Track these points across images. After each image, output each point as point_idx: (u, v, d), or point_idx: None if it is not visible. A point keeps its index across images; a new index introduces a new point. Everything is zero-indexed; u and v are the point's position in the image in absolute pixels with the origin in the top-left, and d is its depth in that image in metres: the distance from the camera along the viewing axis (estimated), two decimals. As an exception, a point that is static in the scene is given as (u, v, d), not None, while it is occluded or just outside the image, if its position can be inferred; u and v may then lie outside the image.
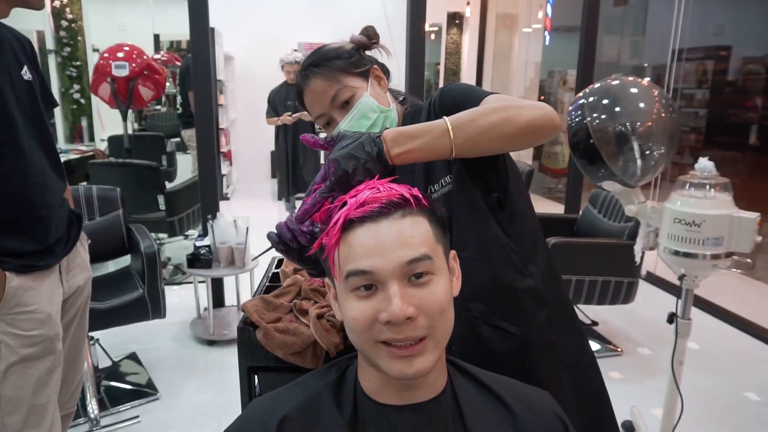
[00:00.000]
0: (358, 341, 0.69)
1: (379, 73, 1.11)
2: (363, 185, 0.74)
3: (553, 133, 0.92)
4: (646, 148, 1.62)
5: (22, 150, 1.24)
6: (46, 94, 1.43)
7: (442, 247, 0.72)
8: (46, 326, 1.28)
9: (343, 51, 1.08)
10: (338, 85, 1.05)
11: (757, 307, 3.52)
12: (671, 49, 4.25)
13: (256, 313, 1.35)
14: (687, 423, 1.84)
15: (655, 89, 1.69)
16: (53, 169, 1.35)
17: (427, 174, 1.07)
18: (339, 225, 0.68)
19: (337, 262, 0.69)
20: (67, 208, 1.41)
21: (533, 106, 0.89)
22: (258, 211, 6.25)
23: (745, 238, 1.59)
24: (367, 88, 1.06)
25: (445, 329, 0.70)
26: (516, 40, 7.65)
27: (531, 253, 1.08)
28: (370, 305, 0.66)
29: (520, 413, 0.74)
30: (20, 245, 1.24)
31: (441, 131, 0.86)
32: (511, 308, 1.05)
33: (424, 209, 0.71)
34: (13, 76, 1.24)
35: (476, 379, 0.79)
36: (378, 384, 0.73)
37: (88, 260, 1.54)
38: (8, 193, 1.22)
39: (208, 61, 3.05)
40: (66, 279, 1.41)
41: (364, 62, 1.09)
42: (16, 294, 1.23)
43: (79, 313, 1.50)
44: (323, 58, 1.07)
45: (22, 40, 1.36)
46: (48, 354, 1.28)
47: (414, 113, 1.11)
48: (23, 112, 1.26)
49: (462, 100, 0.98)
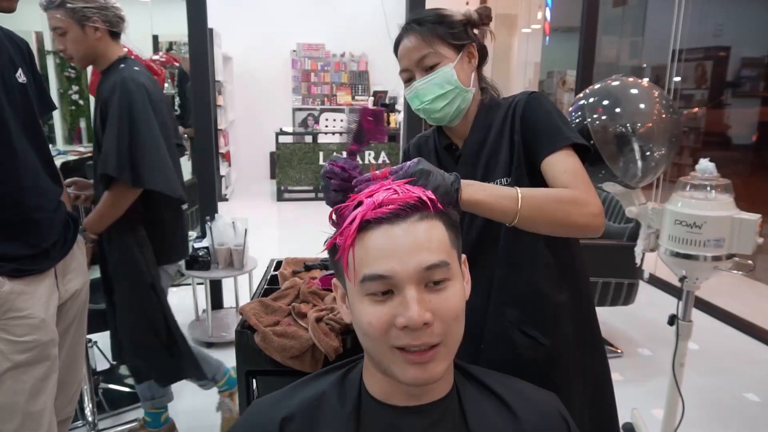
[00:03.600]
0: (372, 347, 0.68)
1: (474, 52, 1.11)
2: (378, 185, 0.72)
3: (593, 236, 0.99)
4: (647, 149, 1.61)
5: (15, 153, 1.23)
6: (43, 97, 1.42)
7: (456, 252, 0.71)
8: (40, 331, 1.26)
9: (448, 19, 1.09)
10: (429, 49, 1.06)
11: (758, 308, 3.51)
12: (671, 50, 4.25)
13: (254, 317, 1.34)
14: (687, 424, 1.83)
15: (655, 90, 1.68)
16: (48, 172, 1.34)
17: (486, 170, 1.09)
18: (355, 225, 0.66)
19: (352, 264, 0.67)
20: (63, 212, 1.39)
21: (591, 212, 0.96)
22: (256, 211, 6.25)
23: (747, 240, 1.58)
24: (454, 61, 1.07)
25: (457, 335, 0.69)
26: (515, 40, 7.65)
27: (570, 268, 1.13)
28: (386, 310, 0.65)
29: (523, 415, 0.74)
30: (13, 249, 1.23)
31: (511, 195, 0.91)
32: (544, 319, 1.09)
33: (440, 213, 0.70)
34: (6, 78, 1.23)
35: (480, 381, 0.78)
36: (384, 387, 0.72)
37: (86, 264, 1.53)
38: (0, 196, 1.21)
39: (206, 62, 3.04)
40: (62, 283, 1.39)
41: (463, 36, 1.09)
42: (8, 299, 1.21)
43: (76, 317, 1.48)
44: (428, 19, 1.08)
45: (19, 42, 1.34)
46: (43, 360, 1.27)
47: (490, 108, 1.13)
48: (16, 116, 1.24)
49: (540, 134, 1.04)
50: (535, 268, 1.09)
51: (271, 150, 7.44)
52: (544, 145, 1.03)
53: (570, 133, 1.03)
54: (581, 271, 1.17)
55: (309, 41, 8.15)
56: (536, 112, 1.06)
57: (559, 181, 0.99)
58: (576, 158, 1.02)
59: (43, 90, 1.43)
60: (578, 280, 1.15)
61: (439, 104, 1.08)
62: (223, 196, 6.60)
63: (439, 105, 1.08)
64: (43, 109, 1.44)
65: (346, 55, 8.31)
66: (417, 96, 1.09)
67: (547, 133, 1.03)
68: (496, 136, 1.10)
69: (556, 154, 1.01)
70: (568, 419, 0.78)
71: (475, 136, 1.13)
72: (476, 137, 1.12)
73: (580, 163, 1.03)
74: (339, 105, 8.26)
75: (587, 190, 0.98)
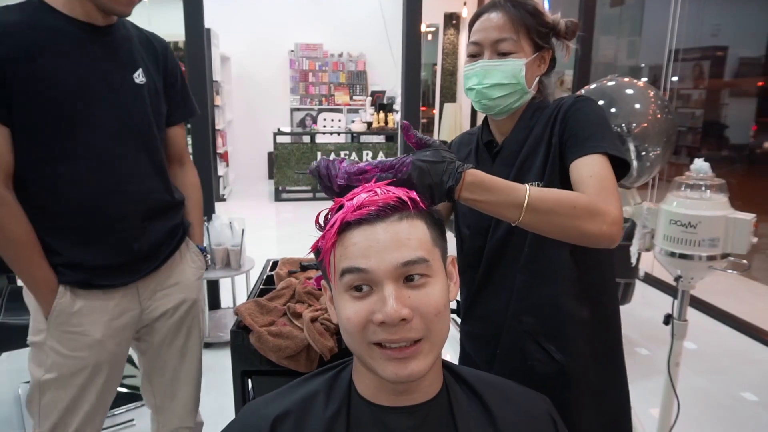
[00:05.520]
0: (352, 342, 0.69)
1: (547, 58, 1.08)
2: (360, 188, 0.73)
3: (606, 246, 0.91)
4: (642, 149, 1.62)
5: (100, 156, 1.15)
6: (173, 101, 1.35)
7: (439, 250, 0.72)
8: (92, 351, 1.19)
9: (542, 18, 1.05)
10: (512, 35, 1.01)
11: (754, 307, 3.52)
12: (667, 50, 4.25)
13: (249, 317, 1.34)
14: (684, 423, 1.84)
15: (650, 90, 1.68)
16: (152, 179, 1.25)
17: (520, 171, 1.05)
18: (336, 228, 0.67)
19: (333, 264, 0.68)
20: (168, 225, 1.30)
21: (605, 221, 0.87)
22: (254, 212, 6.24)
23: (741, 240, 1.58)
24: (529, 58, 1.04)
25: (441, 333, 0.69)
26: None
27: (596, 287, 1.07)
28: (365, 306, 0.66)
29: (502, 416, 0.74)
30: (89, 258, 1.16)
31: (516, 203, 0.83)
32: (561, 334, 1.04)
33: (421, 212, 0.71)
34: (117, 79, 1.17)
35: (468, 384, 0.78)
36: (372, 386, 0.72)
37: (195, 279, 1.41)
38: (80, 202, 1.15)
39: (203, 62, 3.04)
40: (151, 299, 1.30)
41: (546, 39, 1.06)
42: (64, 311, 1.16)
43: (168, 337, 1.37)
44: (524, 6, 1.04)
45: (154, 43, 1.30)
46: (89, 376, 1.21)
47: (537, 109, 1.08)
48: (119, 118, 1.17)
49: (576, 137, 0.97)
50: (558, 280, 1.03)
51: (269, 150, 7.44)
52: (577, 147, 0.96)
53: (608, 143, 0.95)
54: (610, 289, 1.10)
55: (307, 41, 8.15)
56: (577, 115, 1.00)
57: (581, 185, 0.92)
58: (607, 166, 0.94)
59: (183, 94, 1.38)
60: (604, 297, 1.08)
61: (497, 93, 1.04)
62: (220, 197, 6.60)
63: (496, 93, 1.04)
64: (182, 112, 1.39)
65: (344, 55, 8.31)
66: (477, 75, 1.04)
67: (583, 136, 0.97)
68: (537, 138, 1.05)
69: (586, 158, 0.94)
70: (557, 422, 0.78)
71: (516, 136, 1.08)
72: (517, 137, 1.07)
73: (610, 171, 0.94)
74: (337, 105, 8.26)
75: (608, 198, 0.89)
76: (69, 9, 1.12)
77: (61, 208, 1.14)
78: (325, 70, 8.27)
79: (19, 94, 1.06)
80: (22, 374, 2.53)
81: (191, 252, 1.43)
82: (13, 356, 2.69)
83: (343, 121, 7.22)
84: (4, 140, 1.08)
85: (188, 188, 1.43)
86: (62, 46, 1.10)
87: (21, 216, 1.10)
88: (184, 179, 1.44)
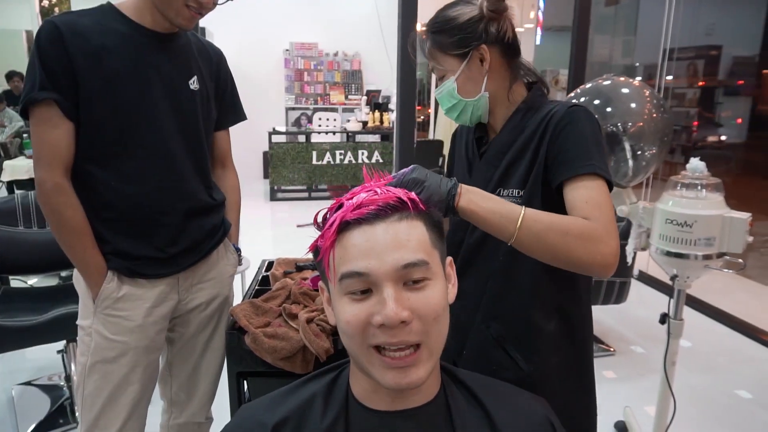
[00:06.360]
0: (351, 345, 0.68)
1: (485, 53, 1.01)
2: (360, 188, 0.72)
3: (600, 277, 0.91)
4: (638, 148, 1.62)
5: (157, 156, 1.23)
6: (224, 107, 1.46)
7: (438, 252, 0.71)
8: (134, 335, 1.25)
9: (450, 25, 1.02)
10: (433, 62, 1.07)
11: (750, 306, 3.54)
12: (662, 49, 4.26)
13: (244, 318, 1.33)
14: (680, 421, 1.84)
15: (646, 89, 1.68)
16: (197, 179, 1.32)
17: (504, 175, 1.04)
18: (335, 227, 0.66)
19: (332, 264, 0.68)
20: (212, 222, 1.37)
21: (600, 251, 0.85)
22: (249, 211, 6.21)
23: (737, 239, 1.58)
24: (458, 72, 1.03)
25: (439, 337, 0.68)
26: (508, 39, 7.65)
27: (567, 299, 1.06)
28: (364, 308, 0.65)
29: (501, 418, 0.73)
30: (135, 248, 1.23)
31: (512, 217, 0.85)
32: (528, 343, 1.04)
33: (421, 213, 0.70)
34: (175, 83, 1.25)
35: (467, 386, 0.78)
36: (369, 390, 0.72)
37: (228, 276, 1.46)
38: (131, 196, 1.21)
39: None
40: (189, 292, 1.35)
41: (469, 41, 1.01)
42: (110, 296, 1.22)
43: (198, 329, 1.40)
44: (432, 28, 1.05)
45: (211, 52, 1.39)
46: (131, 362, 1.25)
47: (528, 110, 1.04)
48: (175, 120, 1.25)
49: (565, 153, 0.95)
50: (529, 291, 1.02)
51: (264, 149, 7.41)
52: (566, 167, 0.93)
53: (598, 161, 0.92)
54: (583, 302, 1.09)
55: (302, 40, 8.13)
56: (567, 129, 0.96)
57: (577, 211, 0.90)
58: (603, 188, 0.92)
59: (233, 100, 1.50)
60: (575, 310, 1.07)
61: (453, 114, 1.09)
62: (216, 196, 6.56)
63: (453, 114, 1.09)
64: (231, 118, 1.52)
65: (339, 54, 8.29)
66: (440, 102, 1.11)
67: (574, 154, 0.93)
68: (524, 143, 1.02)
69: (580, 181, 0.92)
70: (556, 425, 0.77)
71: (503, 137, 1.06)
72: (504, 138, 1.06)
73: (607, 195, 0.92)
74: (332, 104, 8.24)
75: (605, 226, 0.87)
76: (138, 17, 1.20)
77: (114, 201, 1.21)
78: (321, 70, 8.26)
79: (86, 91, 1.14)
80: (16, 376, 2.52)
81: (228, 251, 1.48)
82: (7, 358, 2.69)
83: (339, 120, 7.20)
84: (69, 135, 1.16)
85: (228, 190, 1.53)
86: (128, 50, 1.18)
87: (77, 205, 1.18)
88: (226, 181, 1.53)
